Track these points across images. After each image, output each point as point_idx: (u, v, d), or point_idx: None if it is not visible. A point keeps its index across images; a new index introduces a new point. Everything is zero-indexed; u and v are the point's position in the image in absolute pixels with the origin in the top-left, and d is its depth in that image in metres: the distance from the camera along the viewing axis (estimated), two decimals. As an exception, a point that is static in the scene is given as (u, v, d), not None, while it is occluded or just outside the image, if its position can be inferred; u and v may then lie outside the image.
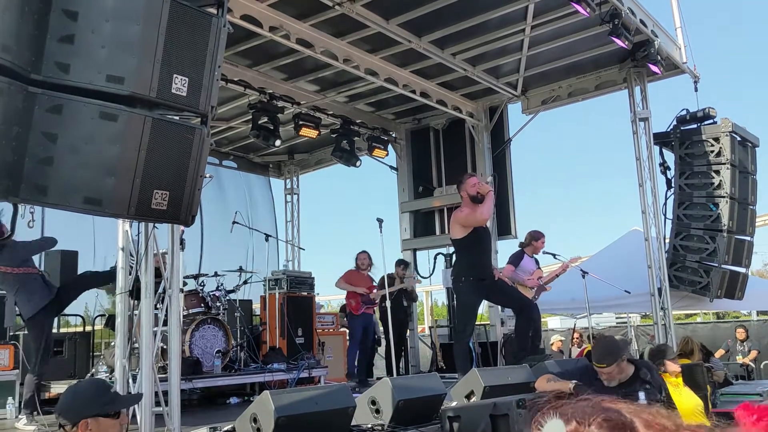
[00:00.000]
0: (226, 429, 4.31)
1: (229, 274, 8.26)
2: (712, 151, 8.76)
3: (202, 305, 7.25)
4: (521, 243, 8.05)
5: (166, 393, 4.34)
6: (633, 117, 8.97)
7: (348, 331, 9.32)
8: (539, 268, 7.96)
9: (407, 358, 10.04)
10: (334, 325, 9.97)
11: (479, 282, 6.49)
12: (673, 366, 5.11)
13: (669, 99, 10.71)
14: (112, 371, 5.43)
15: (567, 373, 4.53)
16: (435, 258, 10.88)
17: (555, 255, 7.96)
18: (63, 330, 8.06)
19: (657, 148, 9.17)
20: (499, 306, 9.60)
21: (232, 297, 7.90)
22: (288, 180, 13.00)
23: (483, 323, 10.43)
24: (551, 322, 18.46)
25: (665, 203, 9.06)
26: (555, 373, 4.59)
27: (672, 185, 9.09)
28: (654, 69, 8.55)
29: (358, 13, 7.44)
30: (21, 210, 3.17)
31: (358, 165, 10.68)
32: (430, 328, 11.47)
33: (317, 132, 9.89)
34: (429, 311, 20.96)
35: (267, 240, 9.13)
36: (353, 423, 4.42)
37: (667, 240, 8.98)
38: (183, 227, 4.82)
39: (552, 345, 12.01)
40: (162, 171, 3.14)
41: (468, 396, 5.20)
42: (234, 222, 8.85)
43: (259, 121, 9.25)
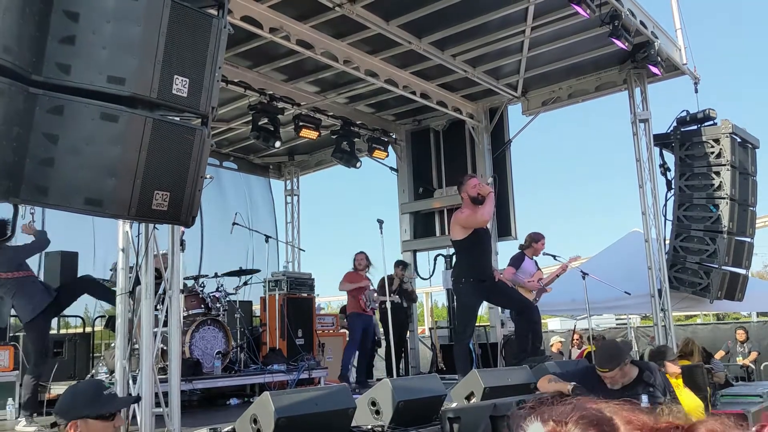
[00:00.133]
0: (226, 430, 4.31)
1: (230, 274, 8.25)
2: (712, 153, 8.76)
3: (202, 306, 7.25)
4: (521, 245, 8.06)
5: (166, 394, 4.34)
6: (633, 118, 8.97)
7: (348, 332, 9.31)
8: (539, 269, 7.97)
9: (407, 359, 10.05)
10: (334, 327, 9.98)
11: (479, 283, 6.48)
12: (673, 367, 5.13)
13: (669, 100, 10.74)
14: (112, 372, 5.43)
15: (568, 375, 4.54)
16: (435, 259, 10.90)
17: (555, 256, 7.97)
18: (63, 331, 8.04)
19: (657, 149, 9.18)
20: (499, 307, 9.60)
21: (232, 298, 7.90)
22: (288, 181, 13.00)
23: (483, 324, 10.42)
24: (551, 323, 18.46)
25: (665, 204, 9.07)
26: (556, 375, 4.59)
27: (672, 186, 9.09)
28: (654, 70, 8.56)
29: (358, 15, 7.45)
30: (21, 211, 3.17)
31: (358, 166, 10.68)
32: (430, 329, 11.47)
33: (317, 133, 9.90)
34: (429, 312, 20.99)
35: (267, 241, 9.12)
36: (353, 424, 4.42)
37: (667, 241, 8.97)
38: (183, 228, 4.82)
39: (552, 346, 12.00)
40: (163, 172, 3.15)
41: (468, 397, 5.20)
42: (234, 223, 8.83)
43: (260, 123, 9.26)
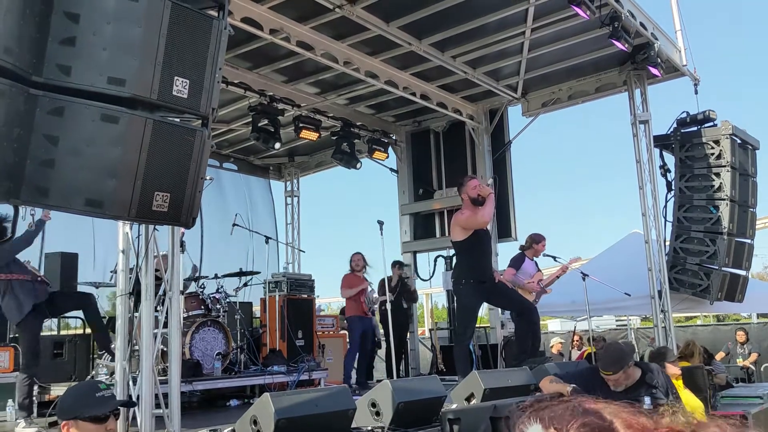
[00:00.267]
0: (226, 431, 4.31)
1: (230, 275, 8.24)
2: (712, 154, 8.76)
3: (202, 307, 7.25)
4: (522, 246, 8.06)
5: (166, 395, 4.34)
6: (633, 119, 8.96)
7: (348, 335, 9.31)
8: (539, 270, 7.97)
9: (407, 360, 10.04)
10: (334, 328, 9.97)
11: (479, 284, 6.48)
12: (673, 369, 5.13)
13: (669, 101, 10.71)
14: (112, 374, 5.42)
15: (571, 376, 4.54)
16: (435, 260, 10.89)
17: (555, 257, 7.97)
18: (63, 332, 8.04)
19: (657, 150, 9.17)
20: (499, 308, 9.60)
21: (232, 299, 7.90)
22: (288, 182, 12.99)
23: (483, 326, 10.41)
24: (551, 324, 18.47)
25: (665, 206, 9.06)
26: (558, 376, 4.59)
27: (672, 188, 9.09)
28: (654, 71, 8.55)
29: (358, 16, 7.45)
30: (21, 212, 3.17)
31: (358, 167, 10.68)
32: (430, 330, 11.46)
33: (317, 134, 9.89)
34: (429, 314, 20.98)
35: (267, 242, 9.13)
36: (353, 425, 4.42)
37: (668, 242, 8.97)
38: (183, 229, 4.82)
39: (552, 347, 11.99)
40: (163, 173, 3.15)
41: (468, 398, 5.20)
42: (234, 224, 8.83)
43: (260, 124, 9.25)
